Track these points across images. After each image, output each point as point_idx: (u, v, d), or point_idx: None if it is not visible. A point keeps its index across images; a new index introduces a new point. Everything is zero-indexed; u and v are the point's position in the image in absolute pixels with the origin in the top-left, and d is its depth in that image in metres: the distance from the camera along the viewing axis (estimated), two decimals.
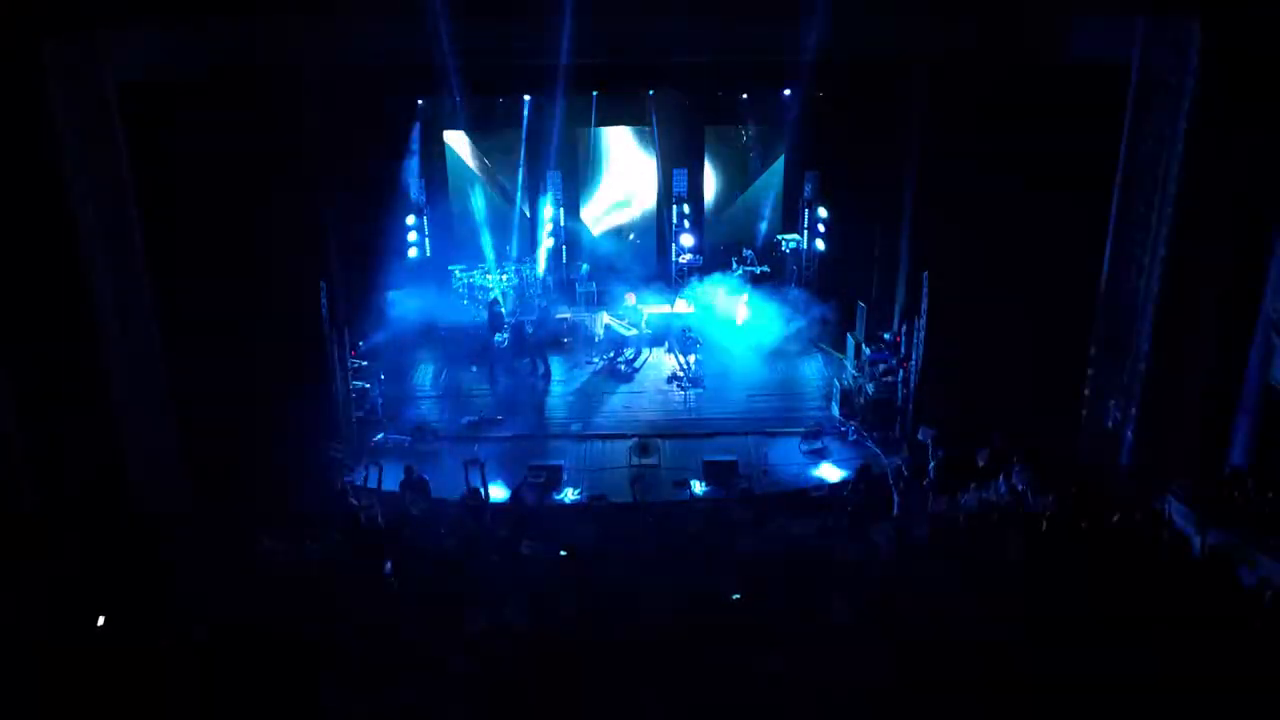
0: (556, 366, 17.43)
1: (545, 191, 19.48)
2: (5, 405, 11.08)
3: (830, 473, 13.98)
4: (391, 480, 11.85)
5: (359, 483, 11.81)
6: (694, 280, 18.81)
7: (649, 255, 20.22)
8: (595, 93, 18.62)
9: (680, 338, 17.29)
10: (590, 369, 17.52)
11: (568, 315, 18.53)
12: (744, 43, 12.68)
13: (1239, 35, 10.11)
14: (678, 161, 19.50)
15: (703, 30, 12.45)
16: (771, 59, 13.20)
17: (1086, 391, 12.54)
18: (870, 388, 15.32)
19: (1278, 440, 10.60)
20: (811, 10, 11.37)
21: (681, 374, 16.98)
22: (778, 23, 12.00)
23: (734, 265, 19.10)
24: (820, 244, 18.79)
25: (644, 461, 14.38)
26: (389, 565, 9.85)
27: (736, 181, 20.21)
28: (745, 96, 19.03)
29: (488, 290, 18.69)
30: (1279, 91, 10.13)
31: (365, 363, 15.95)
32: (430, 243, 19.03)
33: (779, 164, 19.62)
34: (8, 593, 8.53)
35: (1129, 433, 11.95)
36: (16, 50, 10.28)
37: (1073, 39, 11.96)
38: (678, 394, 16.61)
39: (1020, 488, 11.10)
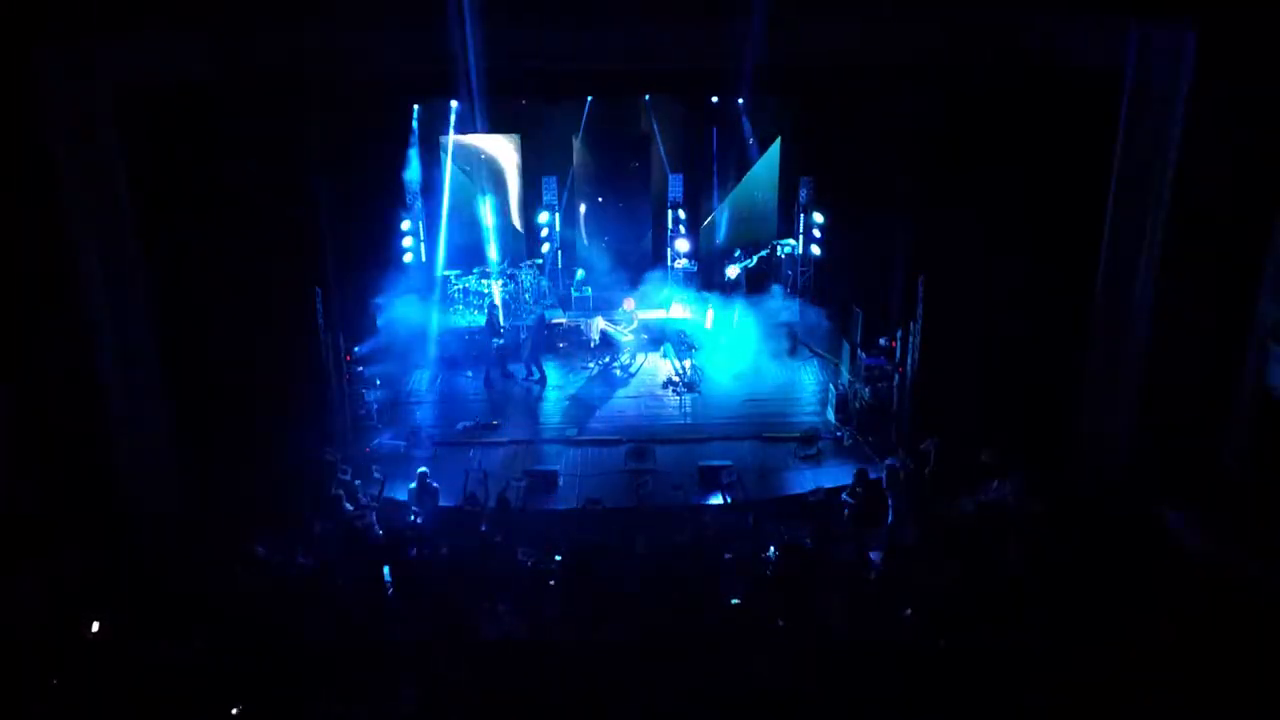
0: (552, 371, 17.42)
1: (541, 197, 19.46)
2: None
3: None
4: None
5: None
6: (690, 284, 18.81)
7: (645, 260, 20.18)
8: (590, 98, 18.62)
9: (676, 342, 17.26)
10: (586, 374, 17.52)
11: (563, 320, 18.50)
12: (738, 47, 12.66)
13: (1232, 42, 10.15)
14: (674, 167, 19.50)
15: (694, 34, 12.47)
16: (769, 63, 13.14)
17: (1083, 396, 12.54)
18: (866, 392, 15.32)
19: (1274, 444, 10.61)
20: (811, 13, 11.38)
21: (677, 379, 16.97)
22: (775, 26, 12.00)
23: (725, 272, 19.09)
24: (816, 249, 18.79)
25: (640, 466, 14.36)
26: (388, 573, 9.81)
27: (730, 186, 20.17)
28: (742, 101, 18.97)
29: (484, 295, 18.68)
30: (1271, 98, 10.18)
31: (361, 368, 15.90)
32: (426, 248, 19.01)
33: (774, 168, 19.60)
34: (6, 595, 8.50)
35: (1125, 438, 11.96)
36: (9, 55, 10.25)
37: (1068, 45, 11.99)
38: (673, 399, 16.61)
39: (1017, 492, 11.12)
